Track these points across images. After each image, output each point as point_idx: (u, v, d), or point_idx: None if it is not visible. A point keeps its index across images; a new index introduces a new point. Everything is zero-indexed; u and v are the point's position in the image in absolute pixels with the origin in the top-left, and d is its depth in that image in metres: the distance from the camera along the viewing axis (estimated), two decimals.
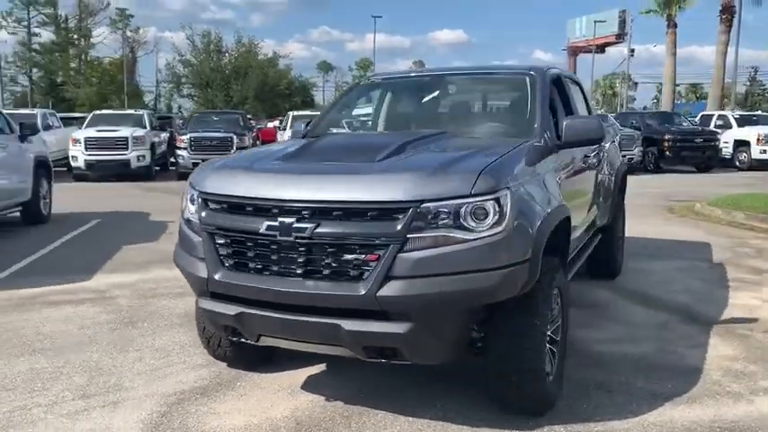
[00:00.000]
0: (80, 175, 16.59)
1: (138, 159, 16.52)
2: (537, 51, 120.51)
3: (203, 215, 3.14)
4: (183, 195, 3.40)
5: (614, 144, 6.04)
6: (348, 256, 2.79)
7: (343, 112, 4.90)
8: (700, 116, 24.57)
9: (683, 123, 21.60)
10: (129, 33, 62.54)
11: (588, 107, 5.48)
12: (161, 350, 4.26)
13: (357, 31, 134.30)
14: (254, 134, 20.54)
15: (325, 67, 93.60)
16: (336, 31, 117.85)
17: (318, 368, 3.93)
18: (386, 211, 2.77)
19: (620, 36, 59.95)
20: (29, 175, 8.90)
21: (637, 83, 76.07)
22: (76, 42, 57.12)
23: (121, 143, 16.35)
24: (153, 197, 13.13)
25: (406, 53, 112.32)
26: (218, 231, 3.07)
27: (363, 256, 2.76)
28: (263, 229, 2.89)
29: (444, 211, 2.76)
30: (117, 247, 7.60)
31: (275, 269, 2.92)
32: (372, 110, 4.87)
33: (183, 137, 17.17)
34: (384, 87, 4.95)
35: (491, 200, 2.81)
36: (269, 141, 21.29)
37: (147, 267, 6.61)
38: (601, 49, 62.25)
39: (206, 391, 3.63)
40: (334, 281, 2.81)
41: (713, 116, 22.82)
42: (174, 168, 17.67)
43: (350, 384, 3.71)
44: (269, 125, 33.25)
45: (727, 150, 20.36)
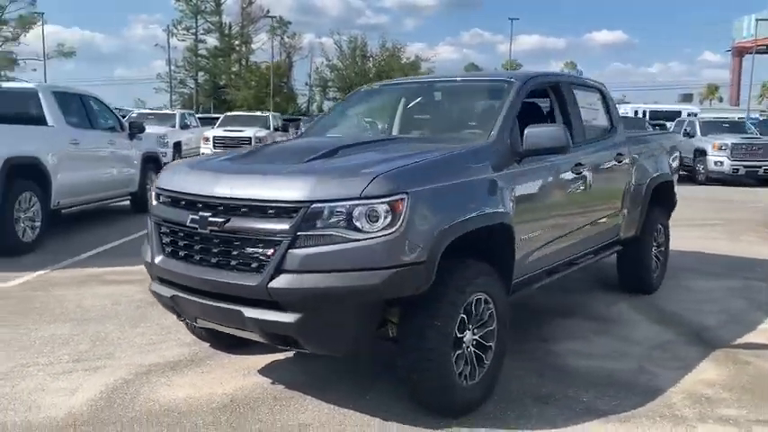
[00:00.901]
0: None
1: None
2: (706, 53, 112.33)
3: (153, 207, 3.56)
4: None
5: (649, 155, 5.77)
6: (250, 250, 3.06)
7: (344, 115, 5.14)
8: None
9: None
10: (286, 39, 66.28)
11: (610, 115, 5.30)
12: (165, 328, 4.75)
13: (509, 33, 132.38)
14: None
15: (472, 69, 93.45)
16: (488, 33, 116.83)
17: (285, 355, 4.21)
18: (281, 210, 3.01)
19: None
20: (137, 168, 9.98)
21: None
22: (237, 48, 61.54)
23: (245, 142, 17.64)
24: None
25: (560, 54, 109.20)
26: (161, 222, 3.47)
27: (262, 250, 3.02)
28: (188, 222, 3.25)
29: (335, 211, 2.95)
30: None
31: (197, 258, 3.26)
32: (368, 113, 5.08)
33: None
34: (381, 93, 5.16)
35: (383, 203, 2.96)
36: None
37: None
38: None
39: (176, 366, 4.05)
40: (239, 271, 3.09)
41: None
42: None
43: (304, 371, 3.98)
44: None
45: None
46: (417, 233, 3.03)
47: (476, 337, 3.44)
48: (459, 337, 3.29)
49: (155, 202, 3.58)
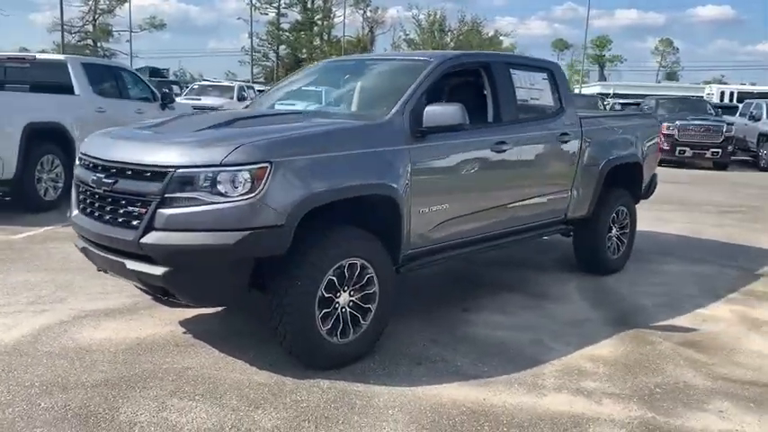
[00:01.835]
0: None
1: None
2: None
3: (75, 168, 4.01)
4: None
5: (608, 137, 5.77)
6: (131, 208, 3.45)
7: (291, 88, 5.42)
8: None
9: None
10: (369, 13, 66.64)
11: (559, 96, 5.35)
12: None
13: (605, 7, 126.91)
14: None
15: (561, 45, 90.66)
16: (582, 8, 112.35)
17: (214, 310, 4.60)
18: (154, 174, 3.37)
19: None
20: None
21: None
22: (318, 22, 62.48)
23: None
24: None
25: (659, 30, 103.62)
26: (78, 182, 3.92)
27: (138, 209, 3.41)
28: (89, 181, 3.67)
29: (198, 176, 3.29)
30: None
31: (96, 214, 3.68)
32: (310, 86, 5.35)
33: None
34: (323, 68, 5.43)
35: (244, 170, 3.28)
36: None
37: None
38: None
39: (111, 313, 4.52)
40: (122, 227, 3.49)
41: None
42: None
43: (220, 324, 4.37)
44: None
45: None
46: (276, 199, 3.32)
47: (352, 298, 3.72)
48: (327, 296, 3.57)
49: (77, 164, 4.03)
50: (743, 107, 19.50)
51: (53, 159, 7.98)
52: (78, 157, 4.02)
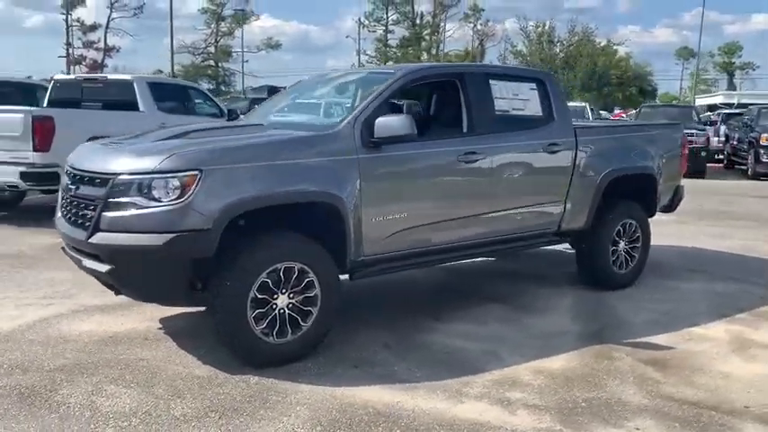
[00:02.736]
0: None
1: None
2: None
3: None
4: None
5: (609, 148, 5.61)
6: (86, 211, 3.83)
7: (278, 103, 5.65)
8: None
9: None
10: (479, 27, 66.50)
11: (550, 106, 5.27)
12: None
13: (740, 12, 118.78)
14: None
15: (685, 54, 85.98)
16: (714, 13, 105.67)
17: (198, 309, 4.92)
18: (101, 180, 3.74)
19: None
20: None
21: None
22: (426, 37, 63.07)
23: None
24: None
25: None
26: (61, 188, 4.37)
27: (90, 212, 3.78)
28: (64, 188, 4.11)
29: (135, 182, 3.61)
30: None
31: (67, 216, 4.10)
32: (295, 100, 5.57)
33: None
34: (310, 83, 5.65)
35: (175, 177, 3.57)
36: None
37: None
38: None
39: (107, 308, 4.95)
40: (80, 228, 3.87)
41: None
42: None
43: (197, 322, 4.67)
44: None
45: None
46: (204, 205, 3.58)
47: (292, 301, 3.91)
48: (262, 297, 3.78)
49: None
50: None
51: None
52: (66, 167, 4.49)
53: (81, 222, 3.87)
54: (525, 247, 5.40)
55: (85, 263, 3.85)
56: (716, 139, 20.33)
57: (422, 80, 4.74)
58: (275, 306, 3.85)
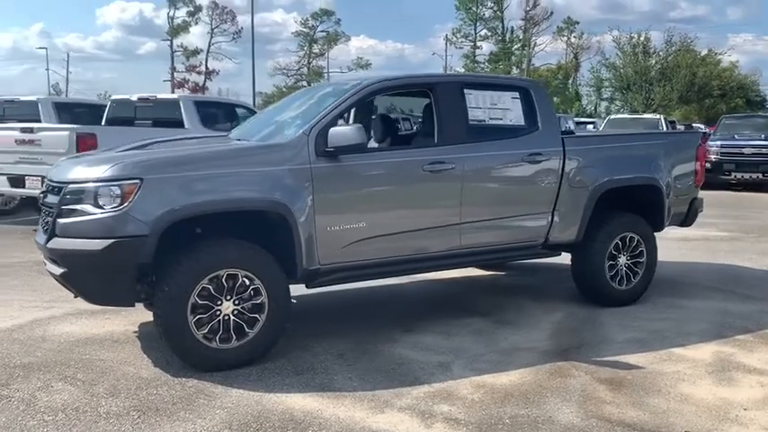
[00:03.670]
0: None
1: None
2: None
3: None
4: None
5: (604, 158, 5.38)
6: (48, 218, 4.09)
7: (263, 115, 5.76)
8: None
9: None
10: (573, 39, 65.01)
11: (534, 115, 5.12)
12: None
13: None
14: None
15: None
16: None
17: None
18: (57, 189, 3.99)
19: None
20: None
21: None
22: (516, 51, 62.36)
23: None
24: None
25: None
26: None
27: (51, 218, 4.03)
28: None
29: (83, 190, 3.84)
30: None
31: (41, 225, 4.38)
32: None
33: None
34: (292, 96, 5.73)
35: (116, 185, 3.77)
36: None
37: None
38: None
39: (96, 312, 5.17)
40: (44, 233, 4.14)
41: None
42: None
43: None
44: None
45: None
46: (143, 211, 3.75)
47: (237, 307, 4.00)
48: (203, 303, 3.90)
49: None
50: None
51: None
52: None
53: (45, 229, 4.14)
54: (508, 259, 5.27)
55: (48, 266, 4.11)
56: None
57: (383, 92, 4.76)
58: (219, 312, 3.95)
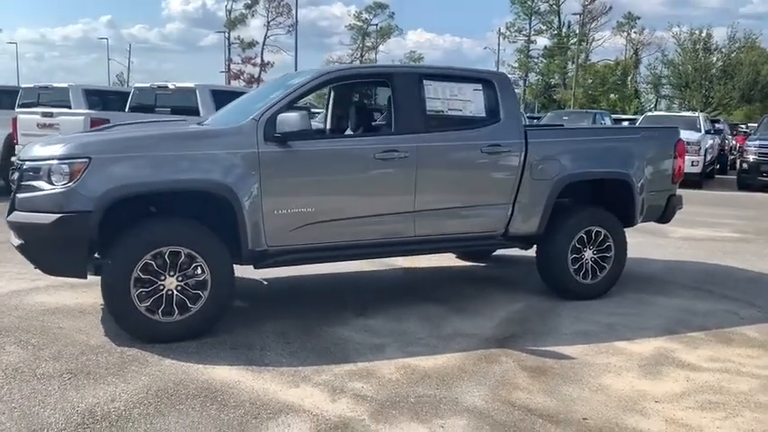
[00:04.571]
0: None
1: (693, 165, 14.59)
2: None
3: None
4: None
5: (571, 151, 5.38)
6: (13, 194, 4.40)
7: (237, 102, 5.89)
8: None
9: None
10: (634, 35, 63.30)
11: (498, 107, 5.15)
12: None
13: None
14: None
15: None
16: None
17: None
18: (18, 167, 4.29)
19: None
20: None
21: None
22: (572, 47, 61.11)
23: None
24: None
25: None
26: None
27: (13, 194, 4.33)
28: None
29: (37, 168, 4.11)
30: None
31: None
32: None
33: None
34: (268, 83, 5.90)
35: (65, 164, 4.03)
36: None
37: None
38: None
39: (77, 285, 5.44)
40: (8, 209, 4.43)
41: None
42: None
43: None
44: None
45: None
46: (89, 189, 3.99)
47: (180, 283, 4.22)
48: (146, 278, 4.13)
49: None
50: None
51: None
52: None
53: (11, 203, 4.44)
54: (466, 248, 5.36)
55: (11, 239, 4.41)
56: None
57: (337, 81, 4.89)
58: (162, 287, 4.17)
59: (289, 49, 63.37)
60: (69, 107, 10.98)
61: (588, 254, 5.47)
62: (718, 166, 19.13)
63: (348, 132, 5.42)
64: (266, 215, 4.43)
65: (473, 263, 6.87)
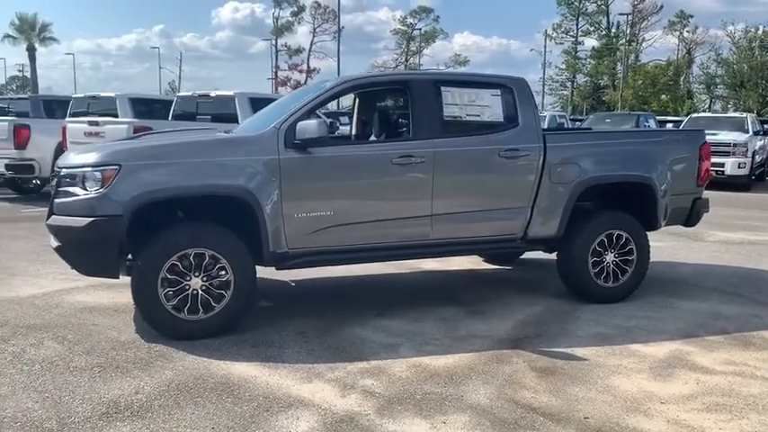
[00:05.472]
0: None
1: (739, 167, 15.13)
2: None
3: None
4: None
5: (589, 156, 5.42)
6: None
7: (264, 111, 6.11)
8: None
9: None
10: (686, 34, 61.80)
11: (515, 112, 5.23)
12: None
13: None
14: None
15: None
16: None
17: None
18: (57, 174, 4.58)
19: None
20: None
21: None
22: (621, 47, 60.02)
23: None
24: None
25: None
26: None
27: (52, 199, 4.63)
28: None
29: (70, 175, 4.40)
30: None
31: None
32: None
33: None
34: (292, 93, 6.08)
35: (98, 171, 4.30)
36: None
37: None
38: None
39: (114, 286, 5.71)
40: (48, 213, 4.73)
41: None
42: None
43: None
44: None
45: None
46: (119, 194, 4.25)
47: (205, 283, 4.45)
48: (173, 278, 4.36)
49: None
50: None
51: None
52: None
53: (50, 208, 4.74)
54: (485, 251, 5.44)
55: (51, 241, 4.70)
56: None
57: (354, 90, 5.05)
58: (188, 287, 4.40)
59: (334, 55, 64.14)
60: (116, 116, 11.45)
61: (609, 257, 5.49)
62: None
63: (372, 138, 5.58)
64: (286, 218, 4.61)
65: (499, 266, 6.94)
